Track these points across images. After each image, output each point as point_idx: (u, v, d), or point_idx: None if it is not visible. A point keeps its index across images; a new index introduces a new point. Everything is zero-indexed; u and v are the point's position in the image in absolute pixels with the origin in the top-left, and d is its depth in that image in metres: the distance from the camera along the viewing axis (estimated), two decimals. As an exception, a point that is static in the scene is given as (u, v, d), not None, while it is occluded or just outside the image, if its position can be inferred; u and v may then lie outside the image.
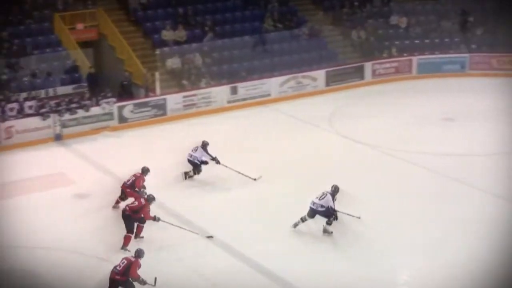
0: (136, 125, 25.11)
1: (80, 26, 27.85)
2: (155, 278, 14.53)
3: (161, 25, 28.75)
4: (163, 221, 16.94)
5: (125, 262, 14.47)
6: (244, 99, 27.45)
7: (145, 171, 18.57)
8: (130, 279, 14.39)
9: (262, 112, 26.73)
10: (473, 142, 23.03)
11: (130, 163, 21.04)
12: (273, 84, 28.16)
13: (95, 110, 24.66)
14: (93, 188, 19.77)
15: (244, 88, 27.56)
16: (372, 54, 31.16)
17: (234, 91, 27.34)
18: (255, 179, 20.06)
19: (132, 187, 18.30)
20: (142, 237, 16.98)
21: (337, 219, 16.91)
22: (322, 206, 16.85)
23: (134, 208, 16.72)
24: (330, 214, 16.87)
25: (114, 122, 24.98)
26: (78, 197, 19.35)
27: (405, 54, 31.30)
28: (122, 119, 25.17)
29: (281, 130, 24.72)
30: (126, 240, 16.60)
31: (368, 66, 30.28)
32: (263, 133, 24.26)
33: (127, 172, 19.73)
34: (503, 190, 19.14)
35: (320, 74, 29.13)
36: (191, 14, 29.50)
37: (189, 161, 20.27)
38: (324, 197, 16.86)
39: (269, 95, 27.99)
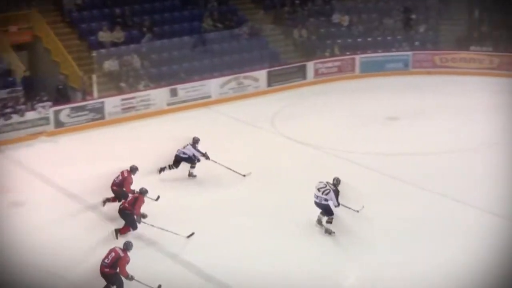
0: (74, 129, 25.02)
1: (13, 28, 27.61)
2: (159, 286, 14.86)
3: (98, 26, 28.65)
4: (144, 223, 17.29)
5: (113, 255, 14.93)
6: (185, 101, 27.58)
7: (133, 169, 18.58)
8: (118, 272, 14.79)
9: (203, 114, 26.87)
10: (417, 141, 23.47)
11: (68, 169, 21.06)
12: (213, 85, 28.32)
13: (30, 115, 24.50)
14: (30, 196, 19.66)
15: (184, 90, 27.67)
16: (314, 53, 31.54)
17: (174, 93, 27.44)
18: (244, 175, 20.50)
19: (120, 186, 18.37)
20: (130, 231, 17.25)
21: (338, 205, 17.18)
22: (325, 200, 17.13)
23: (130, 202, 17.24)
24: (331, 212, 17.20)
25: (51, 127, 24.85)
26: (15, 206, 19.21)
27: (347, 53, 31.73)
28: (59, 124, 25.05)
29: (223, 132, 24.87)
30: (124, 229, 17.19)
31: (310, 66, 30.61)
32: (205, 136, 24.21)
33: (65, 178, 19.72)
34: (449, 189, 19.57)
35: (261, 75, 29.40)
36: (129, 15, 29.48)
37: (176, 155, 20.57)
38: (328, 192, 17.11)
39: (209, 96, 28.16)
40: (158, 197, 18.10)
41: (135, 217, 17.23)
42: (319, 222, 17.52)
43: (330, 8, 33.46)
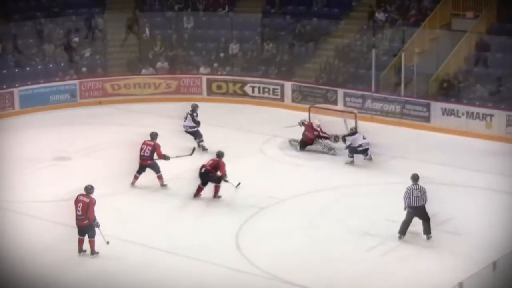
0: None
1: None
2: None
3: None
4: (225, 181, 21.45)
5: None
6: None
7: (154, 136, 22.62)
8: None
9: None
10: (93, 182, 23.26)
11: None
12: None
13: None
14: None
15: None
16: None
17: None
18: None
19: (152, 157, 22.31)
20: (220, 197, 21.73)
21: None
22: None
23: (213, 165, 21.49)
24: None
25: None
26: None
27: (4, 86, 30.94)
28: None
29: None
30: (198, 190, 21.70)
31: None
32: None
33: None
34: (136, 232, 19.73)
35: None
36: None
37: (186, 132, 25.48)
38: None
39: None
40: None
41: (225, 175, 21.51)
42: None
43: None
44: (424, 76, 29.35)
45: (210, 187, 21.72)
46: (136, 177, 22.74)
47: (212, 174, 21.49)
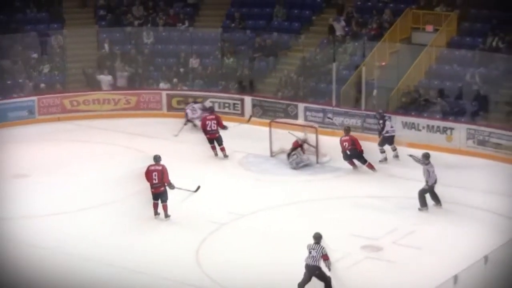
0: None
1: None
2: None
3: None
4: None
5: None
6: None
7: (213, 108, 27.58)
8: None
9: None
10: (53, 200, 23.18)
11: None
12: None
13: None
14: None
15: None
16: None
17: None
18: None
19: (218, 129, 25.59)
20: (376, 171, 24.77)
21: None
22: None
23: (350, 143, 24.43)
24: None
25: None
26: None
27: (-39, 103, 30.68)
28: None
29: None
30: (369, 165, 24.72)
31: None
32: None
33: None
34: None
35: None
36: None
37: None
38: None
39: None
40: None
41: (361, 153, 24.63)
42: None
43: None
44: (385, 90, 29.44)
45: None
46: (214, 148, 26.02)
47: (356, 150, 24.62)
